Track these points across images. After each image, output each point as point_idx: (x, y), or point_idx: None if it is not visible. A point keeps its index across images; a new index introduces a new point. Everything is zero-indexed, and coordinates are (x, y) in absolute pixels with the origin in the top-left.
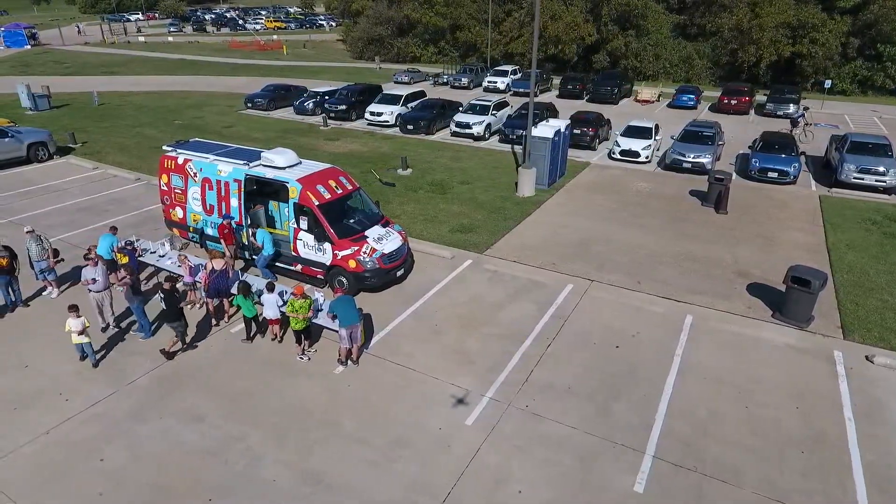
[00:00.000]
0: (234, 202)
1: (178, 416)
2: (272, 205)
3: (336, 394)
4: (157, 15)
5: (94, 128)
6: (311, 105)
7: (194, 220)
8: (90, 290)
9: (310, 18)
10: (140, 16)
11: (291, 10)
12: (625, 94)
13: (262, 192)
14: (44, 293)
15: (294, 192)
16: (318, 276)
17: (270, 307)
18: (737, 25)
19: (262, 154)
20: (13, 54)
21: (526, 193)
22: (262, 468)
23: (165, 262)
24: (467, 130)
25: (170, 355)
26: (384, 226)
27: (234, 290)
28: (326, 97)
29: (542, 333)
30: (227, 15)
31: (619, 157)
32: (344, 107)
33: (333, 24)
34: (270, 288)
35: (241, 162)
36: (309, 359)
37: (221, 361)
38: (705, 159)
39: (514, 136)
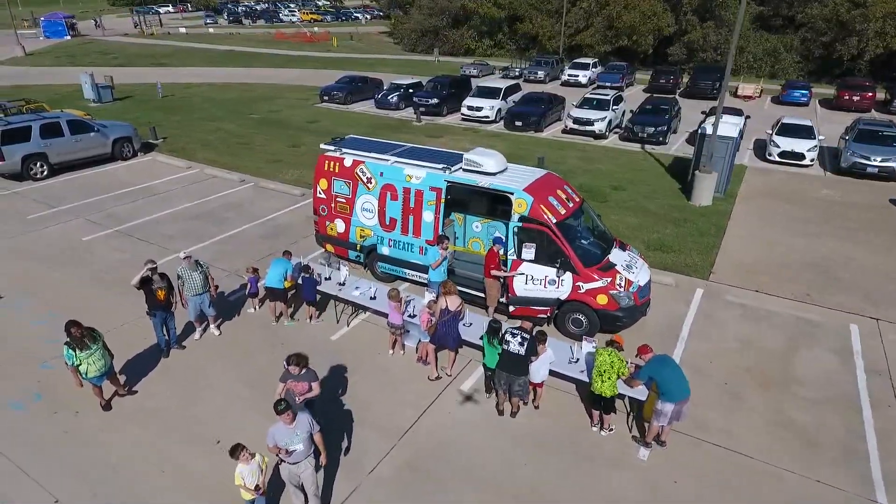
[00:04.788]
0: (427, 216)
1: None
2: (456, 219)
3: (660, 491)
4: (188, 7)
5: (167, 121)
6: (395, 98)
7: (361, 237)
8: (282, 462)
9: (343, 11)
10: (170, 8)
11: (321, 3)
12: None
13: (458, 203)
14: (195, 333)
15: (522, 205)
16: (541, 315)
17: (542, 366)
18: (833, 16)
19: (463, 156)
20: (55, 45)
21: (703, 202)
22: None
23: (352, 293)
24: (588, 128)
25: (514, 412)
26: (622, 248)
27: (465, 338)
28: (412, 90)
29: (877, 399)
30: (258, 8)
31: (777, 158)
32: (436, 100)
33: (368, 16)
34: (543, 338)
35: (440, 166)
36: (611, 430)
37: (471, 436)
38: None
39: (645, 135)
